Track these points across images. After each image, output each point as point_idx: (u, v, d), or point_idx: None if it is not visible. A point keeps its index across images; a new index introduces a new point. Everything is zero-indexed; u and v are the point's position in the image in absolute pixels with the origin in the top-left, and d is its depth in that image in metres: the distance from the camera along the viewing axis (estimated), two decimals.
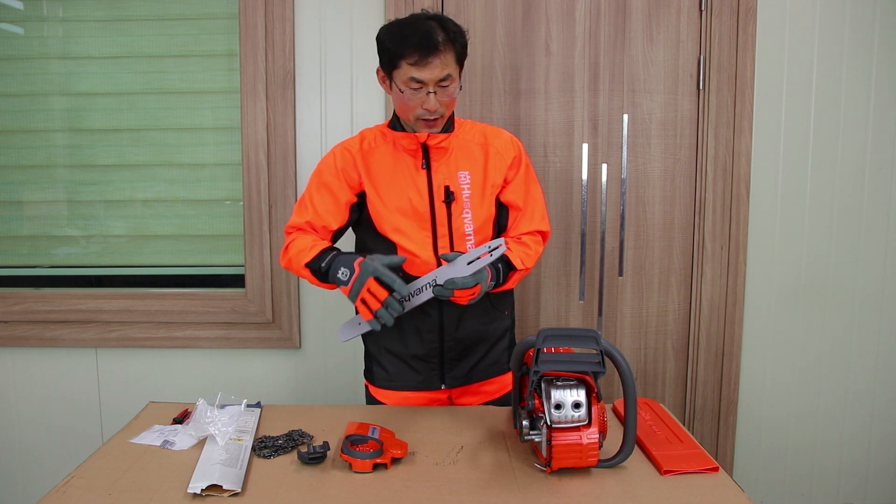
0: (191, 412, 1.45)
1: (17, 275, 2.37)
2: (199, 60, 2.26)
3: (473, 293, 1.41)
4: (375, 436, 1.31)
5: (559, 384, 1.20)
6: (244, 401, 1.48)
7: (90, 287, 2.36)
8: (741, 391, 2.27)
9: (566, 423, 1.19)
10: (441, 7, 2.15)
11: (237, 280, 2.30)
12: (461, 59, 1.49)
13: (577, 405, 1.19)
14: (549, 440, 1.19)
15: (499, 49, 2.18)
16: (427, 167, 1.55)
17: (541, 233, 1.64)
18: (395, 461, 1.28)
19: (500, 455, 1.32)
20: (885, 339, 2.25)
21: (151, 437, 1.39)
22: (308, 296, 2.23)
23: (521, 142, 2.18)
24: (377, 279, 1.35)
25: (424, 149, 1.55)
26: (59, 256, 2.38)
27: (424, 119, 1.49)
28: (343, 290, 1.41)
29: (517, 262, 1.53)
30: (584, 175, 2.21)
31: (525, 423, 1.23)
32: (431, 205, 1.55)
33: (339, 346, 2.21)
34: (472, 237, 1.56)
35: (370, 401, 1.72)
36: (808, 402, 2.28)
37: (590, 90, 2.19)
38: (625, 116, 2.19)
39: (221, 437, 1.32)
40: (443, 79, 1.45)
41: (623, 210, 2.22)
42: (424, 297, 1.43)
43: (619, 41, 2.17)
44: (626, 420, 1.24)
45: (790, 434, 2.29)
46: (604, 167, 2.21)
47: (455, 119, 1.60)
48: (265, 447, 1.33)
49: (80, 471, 1.25)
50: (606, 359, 1.20)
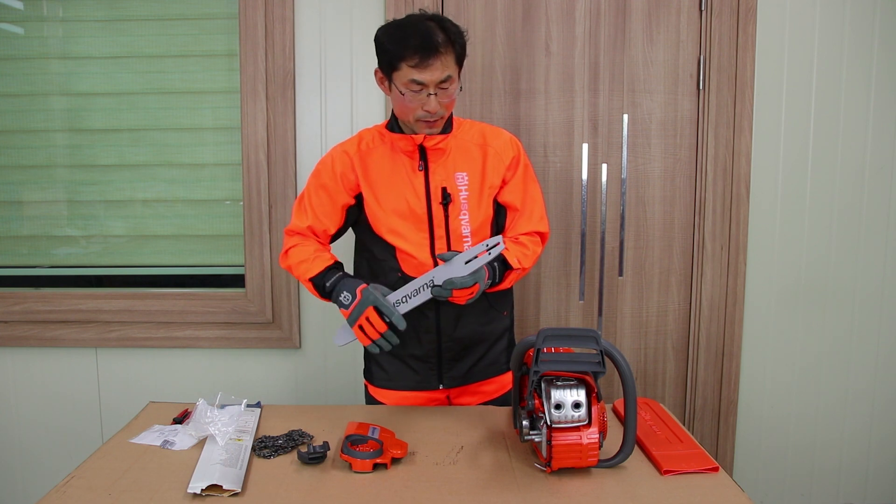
0: (191, 412, 1.45)
1: (17, 275, 2.37)
2: (199, 60, 2.26)
3: (472, 293, 1.41)
4: (375, 436, 1.31)
5: (559, 384, 1.20)
6: (244, 401, 1.48)
7: (90, 287, 2.36)
8: (741, 391, 2.27)
9: (566, 423, 1.19)
10: (441, 7, 2.15)
11: (237, 280, 2.30)
12: (461, 60, 1.48)
13: (577, 405, 1.19)
14: (549, 440, 1.19)
15: (499, 49, 2.18)
16: (424, 168, 1.54)
17: (539, 234, 1.63)
18: (395, 461, 1.28)
19: (500, 455, 1.32)
20: (885, 339, 2.25)
21: (151, 437, 1.39)
22: (308, 296, 2.23)
23: (522, 142, 2.19)
24: (376, 309, 1.38)
25: (422, 150, 1.54)
26: (59, 256, 2.38)
27: (425, 120, 1.48)
28: (343, 313, 1.44)
29: (514, 262, 1.53)
30: (584, 175, 2.21)
31: (525, 423, 1.23)
32: (429, 206, 1.55)
33: (339, 346, 2.20)
34: (470, 239, 1.56)
35: (369, 400, 1.72)
36: (808, 402, 2.28)
37: (590, 90, 2.19)
38: (625, 116, 2.19)
39: (221, 437, 1.32)
40: (443, 80, 1.44)
41: (623, 210, 2.22)
42: (422, 299, 1.43)
43: (619, 41, 2.17)
44: (626, 420, 1.24)
45: (790, 434, 2.29)
46: (604, 167, 2.21)
47: (453, 119, 1.59)
48: (265, 447, 1.33)
49: (80, 471, 1.25)
50: (606, 359, 1.20)
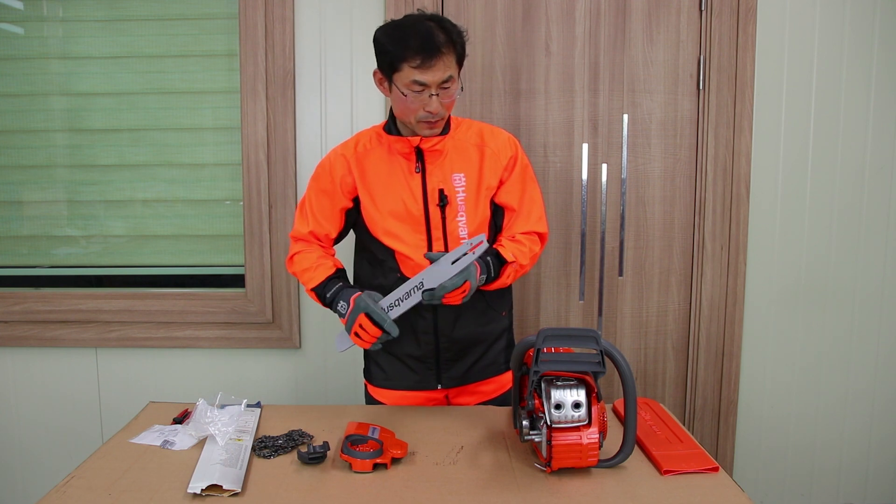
0: (191, 412, 1.45)
1: (17, 275, 2.37)
2: (199, 60, 2.26)
3: (464, 291, 1.41)
4: (375, 436, 1.31)
5: (559, 384, 1.20)
6: (244, 401, 1.48)
7: (90, 287, 2.36)
8: (741, 391, 2.27)
9: (566, 423, 1.19)
10: (441, 7, 2.15)
11: (237, 280, 2.30)
12: (461, 60, 1.48)
13: (577, 405, 1.19)
14: (549, 440, 1.19)
15: (499, 49, 2.18)
16: (422, 170, 1.54)
17: (538, 234, 1.61)
18: (395, 461, 1.28)
19: (500, 455, 1.32)
20: (885, 339, 2.25)
21: (151, 437, 1.39)
22: (308, 296, 2.23)
23: (521, 142, 2.19)
24: (368, 316, 1.40)
25: (419, 152, 1.53)
26: (59, 256, 2.38)
27: (426, 121, 1.48)
28: (342, 321, 1.48)
29: (508, 256, 1.52)
30: (584, 175, 2.21)
31: (525, 423, 1.23)
32: (426, 208, 1.54)
33: (340, 352, 2.20)
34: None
35: (369, 400, 1.73)
36: (808, 402, 2.28)
37: (590, 90, 2.19)
38: (625, 116, 2.19)
39: (221, 437, 1.32)
40: (445, 80, 1.43)
41: (623, 210, 2.22)
42: (413, 301, 1.42)
43: (619, 41, 2.17)
44: (626, 420, 1.24)
45: (790, 434, 2.29)
46: (604, 167, 2.21)
47: (451, 119, 1.58)
48: (265, 447, 1.33)
49: (80, 471, 1.25)
50: (606, 359, 1.20)
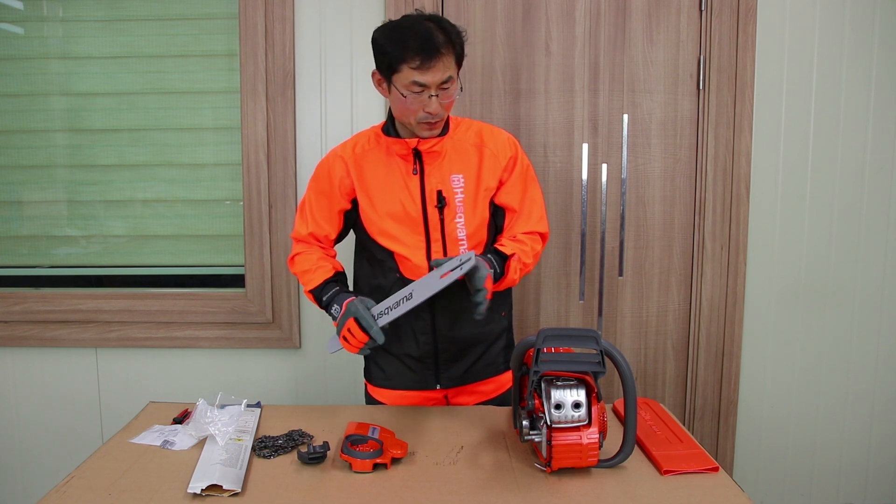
0: (191, 412, 1.45)
1: (17, 275, 2.37)
2: (199, 60, 2.26)
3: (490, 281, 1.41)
4: (375, 436, 1.31)
5: (559, 384, 1.20)
6: (244, 401, 1.48)
7: (90, 287, 2.36)
8: (741, 391, 2.27)
9: (566, 423, 1.19)
10: (441, 7, 2.15)
11: (237, 280, 2.30)
12: (460, 61, 1.47)
13: (577, 405, 1.19)
14: (549, 440, 1.19)
15: (499, 49, 2.18)
16: (420, 171, 1.53)
17: (539, 234, 1.61)
18: (395, 461, 1.28)
19: (500, 455, 1.32)
20: (885, 339, 2.25)
21: (151, 437, 1.39)
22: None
23: (521, 142, 2.19)
24: (357, 321, 1.40)
25: (417, 153, 1.52)
26: (59, 256, 2.38)
27: (426, 122, 1.47)
28: (334, 324, 1.48)
29: (507, 250, 1.50)
30: (584, 175, 2.21)
31: (525, 423, 1.23)
32: (424, 209, 1.53)
33: (330, 353, 2.20)
34: (465, 242, 1.55)
35: (368, 400, 1.73)
36: (808, 402, 2.28)
37: (590, 90, 2.19)
38: (625, 116, 2.19)
39: (221, 437, 1.32)
40: (444, 81, 1.42)
41: (623, 210, 2.22)
42: (402, 311, 1.41)
43: (619, 41, 2.17)
44: (626, 420, 1.24)
45: (790, 434, 2.29)
46: (604, 167, 2.21)
47: (451, 119, 1.57)
48: (265, 447, 1.33)
49: (80, 471, 1.25)
50: (606, 359, 1.20)
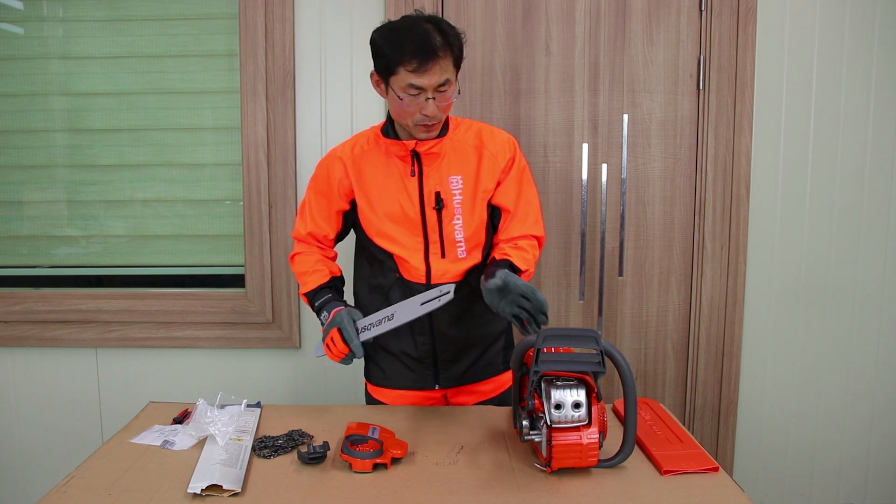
0: (191, 412, 1.45)
1: (17, 275, 2.37)
2: (199, 60, 2.26)
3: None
4: (375, 436, 1.31)
5: (559, 384, 1.20)
6: (244, 401, 1.48)
7: (90, 287, 2.36)
8: (741, 391, 2.27)
9: (566, 423, 1.19)
10: (441, 7, 2.15)
11: (237, 280, 2.30)
12: (458, 63, 1.45)
13: (577, 405, 1.19)
14: (549, 440, 1.19)
15: (499, 49, 2.18)
16: (418, 174, 1.52)
17: (535, 237, 1.59)
18: (395, 461, 1.28)
19: (500, 455, 1.32)
20: (885, 339, 2.25)
21: (151, 437, 1.39)
22: None
23: (521, 142, 2.19)
24: (340, 332, 1.42)
25: (416, 155, 1.51)
26: (59, 256, 2.38)
27: (423, 124, 1.46)
28: (321, 330, 1.50)
29: (521, 265, 1.49)
30: (584, 175, 2.21)
31: (525, 423, 1.23)
32: (422, 211, 1.53)
33: (315, 358, 2.21)
34: (463, 244, 1.54)
35: (368, 399, 1.73)
36: (808, 402, 2.28)
37: (590, 90, 2.19)
38: (625, 116, 2.19)
39: (221, 437, 1.32)
40: (441, 84, 1.41)
41: (623, 210, 2.22)
42: (385, 329, 1.43)
43: (619, 41, 2.17)
44: (626, 420, 1.23)
45: (790, 434, 2.29)
46: (604, 167, 2.21)
47: (450, 119, 1.56)
48: (265, 447, 1.33)
49: (80, 471, 1.25)
50: (606, 359, 1.20)
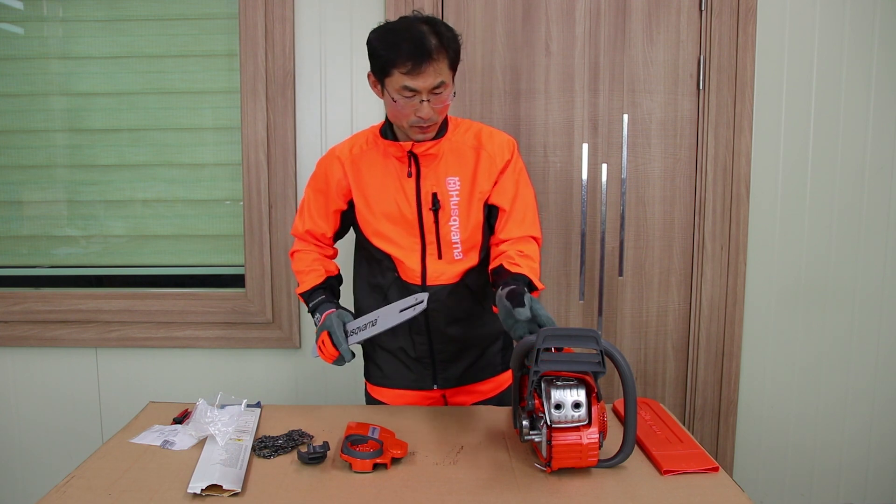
0: (191, 412, 1.45)
1: (17, 275, 2.37)
2: (199, 60, 2.26)
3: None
4: (375, 436, 1.31)
5: (559, 384, 1.20)
6: (244, 401, 1.48)
7: (90, 287, 2.36)
8: (741, 391, 2.27)
9: (566, 423, 1.19)
10: (441, 7, 2.15)
11: (237, 280, 2.30)
12: (454, 65, 1.44)
13: (577, 405, 1.19)
14: (549, 440, 1.19)
15: (499, 49, 2.18)
16: (415, 175, 1.52)
17: (535, 238, 1.57)
18: (395, 461, 1.28)
19: (500, 455, 1.32)
20: (885, 339, 2.25)
21: (151, 437, 1.39)
22: None
23: (521, 142, 2.19)
24: (329, 336, 1.44)
25: (413, 156, 1.51)
26: (59, 256, 2.38)
27: (418, 126, 1.45)
28: (315, 331, 1.52)
29: (537, 282, 1.46)
30: (584, 175, 2.21)
31: (525, 423, 1.23)
32: (419, 212, 1.53)
33: (312, 358, 2.21)
34: (460, 246, 1.54)
35: (368, 399, 1.73)
36: (808, 402, 2.28)
37: (590, 90, 2.19)
38: (625, 116, 2.19)
39: (221, 437, 1.32)
40: (436, 86, 1.40)
41: (623, 210, 2.22)
42: (370, 333, 1.44)
43: (619, 41, 2.17)
44: (626, 420, 1.23)
45: (790, 434, 2.29)
46: (604, 167, 2.21)
47: (449, 119, 1.56)
48: (265, 447, 1.33)
49: (80, 471, 1.25)
50: (606, 359, 1.20)
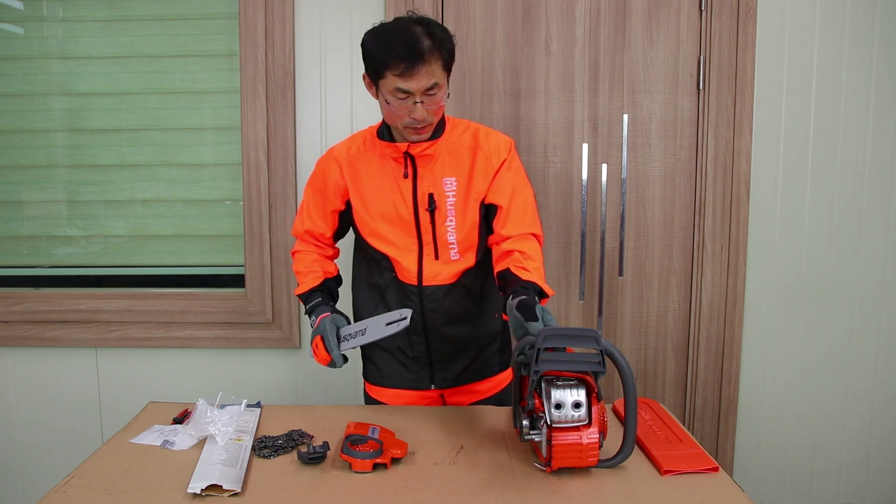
0: (191, 412, 1.45)
1: (17, 275, 2.37)
2: (199, 60, 2.26)
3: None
4: (375, 436, 1.31)
5: (559, 384, 1.20)
6: (244, 401, 1.48)
7: (90, 287, 2.36)
8: (741, 391, 2.27)
9: (566, 423, 1.19)
10: (441, 7, 2.15)
11: (237, 280, 2.30)
12: (448, 66, 1.43)
13: (578, 405, 1.19)
14: (549, 440, 1.19)
15: (499, 49, 2.18)
16: (412, 175, 1.51)
17: (535, 236, 1.56)
18: (395, 461, 1.27)
19: (500, 455, 1.32)
20: (885, 339, 2.25)
21: (151, 437, 1.39)
22: None
23: (521, 142, 2.19)
24: (322, 340, 1.45)
25: (410, 157, 1.51)
26: (59, 256, 2.38)
27: (412, 127, 1.45)
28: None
29: (549, 290, 1.44)
30: (584, 175, 2.21)
31: (525, 423, 1.23)
32: (416, 213, 1.53)
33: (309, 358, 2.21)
34: (456, 246, 1.54)
35: (366, 399, 1.73)
36: (808, 402, 2.28)
37: (590, 90, 2.19)
38: (625, 116, 2.19)
39: (221, 437, 1.32)
40: (429, 88, 1.39)
41: (623, 210, 2.22)
42: (358, 343, 1.43)
43: (619, 41, 2.17)
44: (627, 420, 1.23)
45: (790, 434, 2.29)
46: (604, 167, 2.21)
47: (446, 120, 1.55)
48: (265, 447, 1.33)
49: (80, 471, 1.25)
50: (607, 359, 1.20)
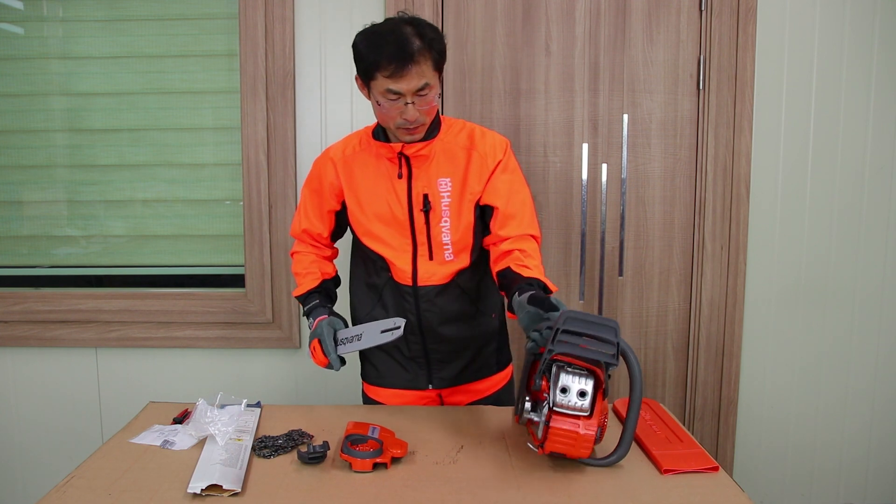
0: (191, 412, 1.45)
1: (17, 275, 2.37)
2: (199, 60, 2.26)
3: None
4: (375, 435, 1.31)
5: (569, 370, 1.20)
6: (244, 401, 1.48)
7: (90, 287, 2.36)
8: (741, 391, 2.27)
9: (568, 410, 1.18)
10: (441, 7, 2.15)
11: (237, 280, 2.30)
12: (439, 66, 1.42)
13: (583, 394, 1.18)
14: (548, 421, 1.18)
15: (499, 49, 2.18)
16: (406, 176, 1.51)
17: (533, 237, 1.55)
18: (395, 461, 1.28)
19: (500, 454, 1.32)
20: (885, 339, 2.25)
21: (151, 437, 1.39)
22: None
23: (521, 142, 2.20)
24: (320, 343, 1.46)
25: (405, 157, 1.50)
26: (59, 256, 2.38)
27: (405, 128, 1.44)
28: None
29: (550, 284, 1.44)
30: (584, 175, 2.21)
31: (527, 405, 1.23)
32: (410, 213, 1.52)
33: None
34: (451, 247, 1.54)
35: (365, 399, 1.73)
36: (808, 402, 2.28)
37: (590, 90, 2.19)
38: (625, 116, 2.19)
39: (221, 437, 1.32)
40: (420, 88, 1.39)
41: (623, 210, 2.22)
42: (354, 348, 1.44)
43: (619, 41, 2.17)
44: (627, 420, 1.23)
45: (790, 434, 2.29)
46: (604, 167, 2.21)
47: (442, 120, 1.55)
48: (265, 447, 1.33)
49: (80, 471, 1.25)
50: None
